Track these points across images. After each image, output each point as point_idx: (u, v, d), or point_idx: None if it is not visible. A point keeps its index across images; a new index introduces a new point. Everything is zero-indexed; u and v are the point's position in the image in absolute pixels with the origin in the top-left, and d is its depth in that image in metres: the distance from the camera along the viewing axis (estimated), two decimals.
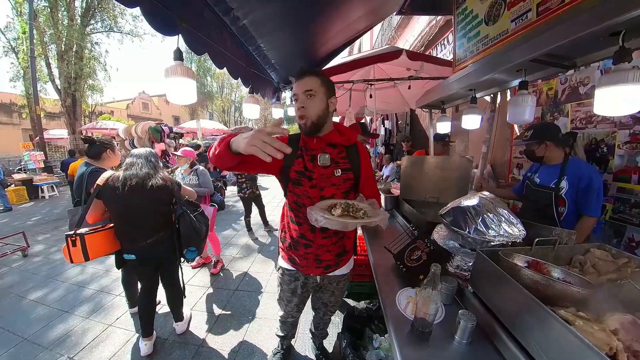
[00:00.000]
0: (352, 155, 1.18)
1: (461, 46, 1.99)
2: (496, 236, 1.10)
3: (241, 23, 1.57)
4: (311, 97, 1.06)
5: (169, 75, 1.15)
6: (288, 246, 1.26)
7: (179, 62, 1.17)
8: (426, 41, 5.19)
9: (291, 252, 1.26)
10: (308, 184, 1.12)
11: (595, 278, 0.97)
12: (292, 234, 1.23)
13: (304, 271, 1.28)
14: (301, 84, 1.06)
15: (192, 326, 2.19)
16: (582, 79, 2.27)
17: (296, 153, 1.15)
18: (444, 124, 2.49)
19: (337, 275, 1.34)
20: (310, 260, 1.23)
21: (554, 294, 0.83)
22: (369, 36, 10.67)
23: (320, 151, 1.14)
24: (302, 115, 1.08)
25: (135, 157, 1.72)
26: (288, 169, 1.15)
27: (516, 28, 1.48)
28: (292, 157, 1.13)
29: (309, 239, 1.20)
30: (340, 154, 1.17)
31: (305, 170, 1.13)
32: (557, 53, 1.19)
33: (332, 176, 1.14)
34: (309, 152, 1.15)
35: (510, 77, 1.54)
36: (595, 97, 1.08)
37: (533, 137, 1.72)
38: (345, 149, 1.18)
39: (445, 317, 1.02)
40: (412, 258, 1.26)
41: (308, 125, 1.09)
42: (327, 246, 1.22)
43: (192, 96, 1.24)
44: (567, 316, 0.76)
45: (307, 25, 1.92)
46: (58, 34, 9.08)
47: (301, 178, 1.13)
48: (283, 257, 1.33)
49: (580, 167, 1.62)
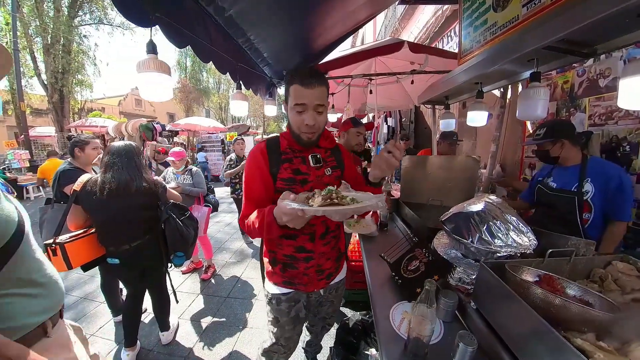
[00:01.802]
0: (336, 155, 1.17)
1: (467, 36, 1.84)
2: (503, 246, 0.99)
3: (227, 14, 1.48)
4: (321, 113, 0.99)
5: (142, 70, 1.08)
6: (282, 268, 1.12)
7: (152, 56, 1.09)
8: (432, 33, 5.00)
9: (287, 273, 1.12)
10: (301, 189, 1.01)
11: (618, 297, 0.85)
12: (286, 252, 1.10)
13: (307, 289, 1.15)
14: (312, 95, 0.93)
15: (179, 336, 2.12)
16: (602, 70, 2.09)
17: (280, 158, 1.04)
18: (447, 121, 2.35)
19: (337, 282, 1.26)
20: (311, 274, 1.12)
21: (570, 317, 0.71)
22: (372, 28, 10.44)
23: (310, 152, 1.07)
24: (313, 132, 1.00)
25: (114, 156, 1.55)
26: (275, 179, 1.03)
27: (528, 13, 1.33)
28: (277, 164, 1.03)
29: (309, 249, 1.09)
30: (326, 154, 1.13)
31: (296, 175, 1.04)
32: (574, 39, 1.05)
33: (324, 176, 1.08)
34: (297, 154, 1.06)
35: (521, 68, 1.40)
36: (619, 89, 0.95)
37: (547, 136, 1.56)
38: (330, 150, 1.15)
39: (444, 337, 0.92)
40: (409, 269, 1.15)
41: (314, 139, 1.04)
42: (327, 253, 1.14)
43: (167, 93, 1.16)
44: (584, 346, 0.65)
45: (301, 15, 1.81)
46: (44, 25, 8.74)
47: (292, 185, 1.02)
48: (276, 283, 1.15)
49: (605, 167, 1.47)
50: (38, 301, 0.68)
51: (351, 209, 0.78)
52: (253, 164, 1.03)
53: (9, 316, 0.61)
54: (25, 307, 0.65)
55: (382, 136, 6.75)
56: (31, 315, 0.66)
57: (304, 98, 0.94)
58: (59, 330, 0.75)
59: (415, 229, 1.65)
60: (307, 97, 0.93)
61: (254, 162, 1.03)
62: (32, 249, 0.70)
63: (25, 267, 0.67)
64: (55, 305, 0.74)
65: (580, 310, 0.70)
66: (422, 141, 5.27)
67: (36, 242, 0.75)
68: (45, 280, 0.72)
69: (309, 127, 0.97)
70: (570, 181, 1.53)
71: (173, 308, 2.45)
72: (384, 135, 6.70)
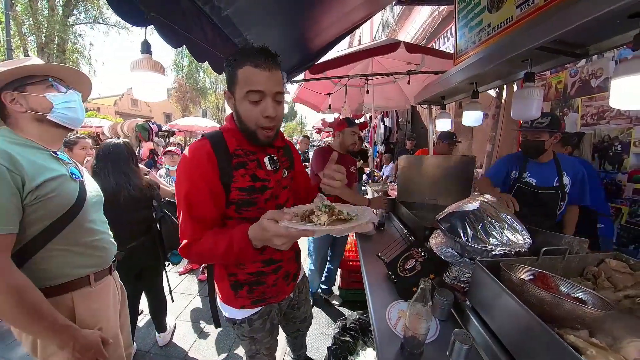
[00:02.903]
0: (288, 154, 1.05)
1: (462, 36, 1.86)
2: (498, 245, 0.99)
3: (224, 13, 1.47)
4: (280, 103, 0.82)
5: (135, 69, 1.07)
6: (248, 290, 0.97)
7: (146, 56, 1.09)
8: (428, 34, 5.03)
9: (255, 292, 0.99)
10: (262, 197, 0.87)
11: (611, 294, 0.86)
12: (251, 270, 0.96)
13: (277, 299, 1.07)
14: (271, 80, 0.77)
15: (175, 337, 2.10)
16: (594, 70, 2.13)
17: (231, 163, 0.83)
18: (443, 121, 2.36)
19: (301, 278, 1.21)
20: (280, 282, 1.03)
21: (563, 314, 0.72)
22: (369, 29, 10.47)
23: (264, 153, 0.92)
24: (273, 125, 0.83)
25: (100, 162, 1.47)
26: (228, 190, 0.83)
27: (522, 14, 1.35)
28: (229, 171, 0.83)
29: (277, 259, 0.99)
30: (279, 153, 0.98)
31: (254, 182, 0.86)
32: (567, 40, 1.07)
33: (282, 179, 0.96)
34: (251, 157, 0.88)
35: (515, 68, 1.42)
36: (611, 89, 0.96)
37: (551, 125, 1.53)
38: (282, 149, 1.02)
39: (440, 335, 0.92)
40: (405, 268, 1.16)
41: (272, 136, 0.86)
42: (292, 256, 1.09)
43: (162, 93, 1.15)
44: (577, 343, 0.66)
45: (298, 15, 1.81)
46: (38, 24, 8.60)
47: (252, 195, 0.85)
48: (243, 306, 1.00)
49: (572, 162, 1.65)
50: (83, 259, 0.90)
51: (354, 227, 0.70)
52: (195, 172, 0.80)
53: (60, 267, 0.85)
54: (73, 261, 0.88)
55: (379, 136, 6.77)
56: (75, 267, 0.89)
57: (261, 83, 0.76)
58: (103, 286, 0.97)
59: (411, 228, 1.66)
60: (264, 83, 0.76)
61: (195, 170, 0.80)
62: (88, 220, 0.92)
63: (79, 232, 0.89)
64: (99, 264, 0.96)
65: (573, 308, 0.71)
66: (419, 141, 5.29)
67: (97, 217, 0.99)
68: (93, 244, 0.94)
69: (270, 120, 0.80)
70: (550, 176, 1.59)
71: (170, 309, 2.44)
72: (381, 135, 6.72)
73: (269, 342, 1.10)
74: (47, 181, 0.80)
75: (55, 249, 0.83)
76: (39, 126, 0.86)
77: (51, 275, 0.83)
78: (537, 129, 1.58)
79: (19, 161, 0.75)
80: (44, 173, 0.80)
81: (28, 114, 0.84)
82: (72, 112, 0.90)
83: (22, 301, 0.72)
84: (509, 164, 1.75)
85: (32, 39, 9.01)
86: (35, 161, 0.80)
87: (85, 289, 0.91)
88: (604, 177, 2.04)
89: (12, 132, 0.83)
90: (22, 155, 0.77)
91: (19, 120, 0.84)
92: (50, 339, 0.79)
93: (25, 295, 0.73)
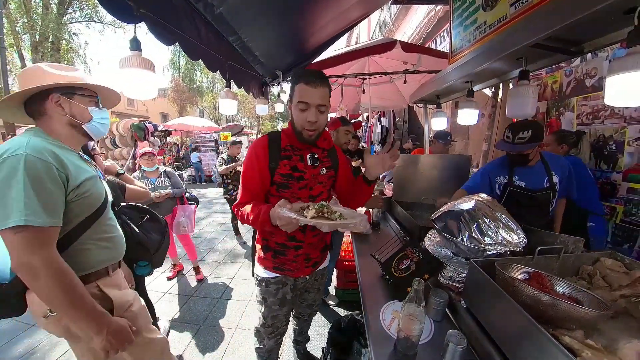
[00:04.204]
0: (332, 156, 1.22)
1: (457, 35, 1.85)
2: (493, 244, 0.98)
3: (217, 11, 1.45)
4: (323, 113, 1.04)
5: (125, 67, 1.04)
6: (273, 254, 1.21)
7: (136, 53, 1.06)
8: (424, 33, 5.04)
9: (277, 260, 1.21)
10: (297, 185, 1.10)
11: (607, 293, 0.85)
12: (278, 240, 1.19)
13: (294, 274, 1.25)
14: (316, 94, 0.99)
15: (170, 339, 2.06)
16: (588, 70, 2.13)
17: (280, 154, 1.10)
18: (439, 119, 2.35)
19: (321, 269, 1.37)
20: (299, 261, 1.22)
21: (559, 314, 0.71)
22: (366, 28, 10.48)
23: (308, 151, 1.13)
24: (314, 129, 1.05)
25: None
26: (273, 173, 1.09)
27: (516, 12, 1.34)
28: (277, 160, 1.09)
29: (299, 239, 1.18)
30: (323, 154, 1.19)
31: (293, 172, 1.10)
32: (562, 36, 1.06)
33: (319, 174, 1.15)
34: (296, 152, 1.12)
35: (510, 66, 1.41)
36: (605, 86, 0.95)
37: (534, 139, 1.43)
38: (326, 151, 1.21)
39: (434, 336, 0.91)
40: (400, 268, 1.14)
41: (314, 137, 1.08)
42: (315, 244, 1.23)
43: (152, 90, 1.13)
44: (572, 344, 0.64)
45: (293, 14, 1.79)
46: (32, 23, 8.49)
47: (289, 181, 1.10)
48: (266, 267, 1.24)
49: (558, 159, 1.67)
50: (105, 252, 0.98)
51: (339, 224, 0.89)
52: (254, 156, 1.08)
53: (88, 259, 0.93)
54: (98, 255, 0.96)
55: (376, 136, 6.77)
56: (100, 261, 0.96)
57: (308, 97, 0.99)
58: (116, 274, 1.06)
59: (407, 227, 1.65)
60: (311, 96, 0.99)
61: (254, 155, 1.08)
62: (107, 217, 1.01)
63: (102, 228, 0.97)
64: (115, 257, 1.04)
65: (568, 308, 0.70)
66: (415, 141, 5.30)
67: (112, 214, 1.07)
68: (112, 238, 1.02)
69: (311, 124, 1.02)
70: (539, 178, 1.58)
71: (165, 311, 2.41)
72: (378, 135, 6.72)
73: (277, 311, 1.27)
74: (85, 180, 0.88)
75: (84, 243, 0.92)
76: (70, 130, 0.93)
77: (79, 267, 0.89)
78: (517, 147, 1.47)
79: (64, 160, 0.82)
80: (83, 173, 0.89)
81: (67, 118, 0.90)
82: (103, 128, 1.01)
83: (69, 289, 0.79)
84: (494, 172, 1.68)
85: (25, 37, 8.89)
86: (73, 161, 0.87)
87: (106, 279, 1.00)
88: (599, 176, 2.04)
89: (44, 132, 0.89)
90: (64, 156, 0.84)
91: (54, 121, 0.90)
92: (89, 325, 0.84)
93: (72, 283, 0.80)
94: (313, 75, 1.01)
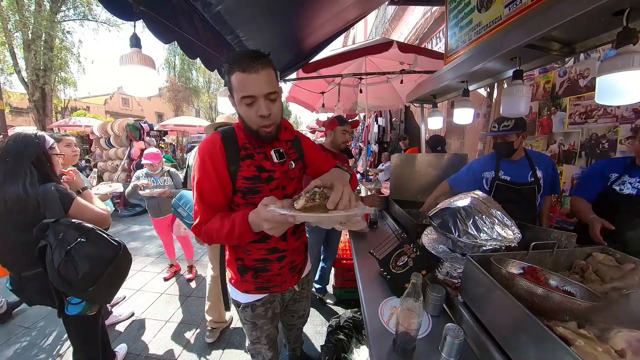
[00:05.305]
0: (296, 145, 1.06)
1: (453, 36, 1.88)
2: (488, 240, 1.00)
3: (215, 10, 1.45)
4: (275, 101, 0.85)
5: (125, 64, 1.04)
6: (253, 274, 1.03)
7: (136, 50, 1.06)
8: (421, 34, 5.09)
9: (260, 279, 1.03)
10: (267, 187, 0.93)
11: (599, 286, 0.87)
12: (256, 256, 1.01)
13: (282, 289, 1.10)
14: (259, 82, 0.79)
15: (167, 339, 2.06)
16: (581, 70, 2.17)
17: (239, 154, 0.90)
18: (435, 119, 2.38)
19: (306, 274, 1.24)
20: (285, 273, 1.06)
21: (552, 306, 0.73)
22: (363, 29, 10.53)
23: (271, 147, 0.96)
24: (271, 123, 0.86)
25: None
26: (235, 178, 0.90)
27: (510, 13, 1.37)
28: (237, 161, 0.90)
29: (282, 249, 1.02)
30: (287, 145, 1.02)
31: (260, 173, 0.92)
32: (554, 37, 1.09)
33: (289, 170, 0.99)
34: (258, 150, 0.93)
35: (504, 66, 1.44)
36: (596, 86, 0.98)
37: (516, 127, 1.58)
38: (290, 142, 1.04)
39: (432, 330, 0.92)
40: (398, 264, 1.16)
41: (274, 132, 0.90)
42: (298, 247, 1.11)
43: (152, 87, 1.13)
44: (566, 334, 0.66)
45: (290, 14, 1.80)
46: (24, 20, 8.28)
47: (257, 184, 0.91)
48: (247, 291, 1.05)
49: (540, 156, 1.75)
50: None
51: (341, 216, 0.73)
52: (207, 161, 0.88)
53: None
54: None
55: (372, 136, 6.80)
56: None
57: (251, 88, 0.80)
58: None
59: (404, 225, 1.66)
60: (254, 86, 0.79)
61: (208, 159, 0.88)
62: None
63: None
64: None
65: (562, 300, 0.72)
66: (412, 141, 5.34)
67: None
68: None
69: (264, 119, 0.84)
70: (523, 172, 1.66)
71: (162, 311, 2.39)
72: (375, 135, 6.76)
73: (269, 329, 1.15)
74: None
75: None
76: None
77: None
78: (503, 132, 1.62)
79: None
80: None
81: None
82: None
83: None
84: (480, 168, 1.78)
85: (17, 35, 8.69)
86: None
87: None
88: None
89: None
90: None
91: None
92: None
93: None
94: (249, 57, 0.79)
